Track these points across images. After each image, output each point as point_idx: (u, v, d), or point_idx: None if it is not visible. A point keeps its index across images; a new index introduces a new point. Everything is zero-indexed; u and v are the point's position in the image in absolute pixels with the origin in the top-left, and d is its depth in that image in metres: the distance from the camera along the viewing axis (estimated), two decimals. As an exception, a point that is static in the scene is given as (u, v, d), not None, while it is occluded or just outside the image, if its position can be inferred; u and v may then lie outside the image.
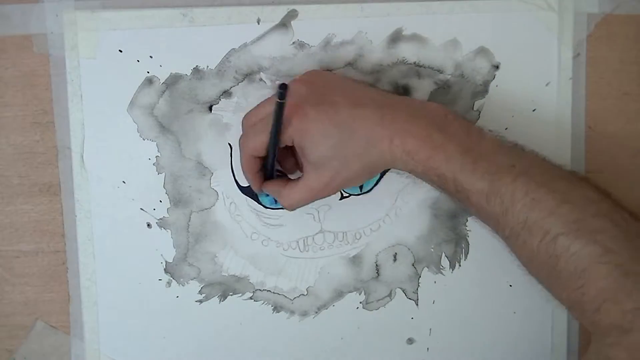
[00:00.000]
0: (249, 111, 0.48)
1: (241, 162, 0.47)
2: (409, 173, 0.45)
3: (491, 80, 0.52)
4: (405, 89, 0.51)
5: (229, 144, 0.51)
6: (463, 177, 0.42)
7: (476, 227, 0.53)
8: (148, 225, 0.51)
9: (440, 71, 0.51)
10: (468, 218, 0.53)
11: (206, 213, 0.51)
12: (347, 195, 0.52)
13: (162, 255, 0.51)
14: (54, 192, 0.51)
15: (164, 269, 0.52)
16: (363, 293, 0.53)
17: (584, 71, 0.52)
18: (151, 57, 0.49)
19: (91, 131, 0.50)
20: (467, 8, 0.51)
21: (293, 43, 0.50)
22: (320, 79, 0.47)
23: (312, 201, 0.47)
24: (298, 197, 0.46)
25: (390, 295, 0.53)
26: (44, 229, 0.51)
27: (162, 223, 0.51)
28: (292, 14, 0.50)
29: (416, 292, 0.53)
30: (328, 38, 0.50)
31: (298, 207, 0.47)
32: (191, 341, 0.52)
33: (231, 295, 0.52)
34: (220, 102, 0.50)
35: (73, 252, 0.51)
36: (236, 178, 0.51)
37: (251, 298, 0.52)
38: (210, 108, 0.50)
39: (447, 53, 0.51)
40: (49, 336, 0.52)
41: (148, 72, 0.50)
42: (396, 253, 0.53)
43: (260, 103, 0.48)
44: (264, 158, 0.46)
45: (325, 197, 0.47)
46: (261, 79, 0.50)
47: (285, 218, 0.52)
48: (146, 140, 0.50)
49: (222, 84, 0.50)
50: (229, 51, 0.50)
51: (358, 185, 0.52)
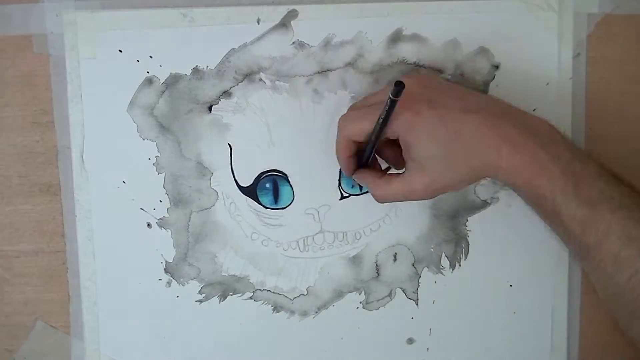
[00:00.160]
0: (356, 102, 0.49)
1: (337, 142, 0.47)
2: (506, 185, 0.44)
3: (491, 80, 0.52)
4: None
5: (229, 144, 0.51)
6: (562, 201, 0.42)
7: (476, 227, 0.53)
8: (148, 225, 0.51)
9: (440, 71, 0.51)
10: (468, 218, 0.53)
11: (206, 213, 0.51)
12: (347, 195, 0.52)
13: (162, 255, 0.51)
14: (54, 192, 0.51)
15: (164, 269, 0.52)
16: (363, 293, 0.53)
17: (584, 71, 0.52)
18: (151, 57, 0.49)
19: (91, 131, 0.50)
20: (467, 8, 0.51)
21: (293, 43, 0.50)
22: (433, 81, 0.47)
23: (404, 200, 0.46)
24: (394, 192, 0.45)
25: (390, 295, 0.53)
26: (44, 229, 0.51)
27: (162, 223, 0.51)
28: (292, 14, 0.50)
29: (416, 292, 0.53)
30: (328, 38, 0.50)
31: (388, 202, 0.47)
32: (191, 341, 0.52)
33: (231, 295, 0.52)
34: (220, 102, 0.50)
35: (73, 252, 0.51)
36: (236, 178, 0.51)
37: (251, 298, 0.52)
38: (210, 108, 0.50)
39: (447, 53, 0.51)
40: (49, 336, 0.52)
41: (148, 72, 0.49)
42: (396, 253, 0.53)
43: (370, 93, 0.48)
44: (359, 144, 0.46)
45: (419, 200, 0.45)
46: (261, 79, 0.50)
47: (285, 218, 0.52)
48: (146, 140, 0.50)
49: (222, 84, 0.50)
50: (229, 51, 0.50)
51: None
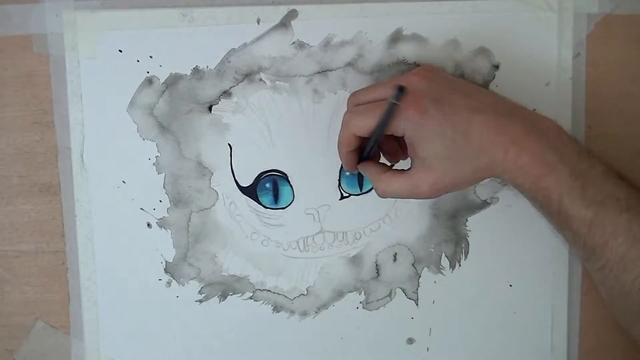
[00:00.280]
0: (358, 90, 0.47)
1: (339, 137, 0.46)
2: (513, 185, 0.44)
3: (491, 80, 0.51)
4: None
5: (229, 144, 0.51)
6: (569, 202, 0.42)
7: (476, 227, 0.53)
8: (148, 225, 0.51)
9: (440, 71, 0.51)
10: (468, 218, 0.53)
11: (206, 213, 0.51)
12: (347, 195, 0.52)
13: (162, 255, 0.51)
14: (54, 192, 0.51)
15: (164, 269, 0.52)
16: (363, 293, 0.53)
17: (584, 71, 0.52)
18: (151, 57, 0.49)
19: (91, 131, 0.50)
20: (467, 8, 0.50)
21: (293, 43, 0.50)
22: (439, 77, 0.46)
23: (407, 197, 0.45)
24: (397, 188, 0.45)
25: (390, 295, 0.53)
26: (44, 229, 0.51)
27: (162, 223, 0.51)
28: (292, 14, 0.50)
29: (416, 292, 0.53)
30: (328, 38, 0.50)
31: (391, 197, 0.46)
32: (191, 341, 0.52)
33: (231, 295, 0.52)
34: (220, 102, 0.50)
35: (73, 252, 0.51)
36: (236, 178, 0.51)
37: (251, 298, 0.52)
38: (210, 108, 0.50)
39: (447, 53, 0.51)
40: (49, 336, 0.52)
41: (148, 72, 0.49)
42: (396, 253, 0.53)
43: (374, 85, 0.47)
44: (362, 139, 0.46)
45: (422, 198, 0.45)
46: (261, 79, 0.50)
47: (285, 218, 0.52)
48: (146, 140, 0.50)
49: (222, 84, 0.50)
50: (229, 51, 0.50)
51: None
